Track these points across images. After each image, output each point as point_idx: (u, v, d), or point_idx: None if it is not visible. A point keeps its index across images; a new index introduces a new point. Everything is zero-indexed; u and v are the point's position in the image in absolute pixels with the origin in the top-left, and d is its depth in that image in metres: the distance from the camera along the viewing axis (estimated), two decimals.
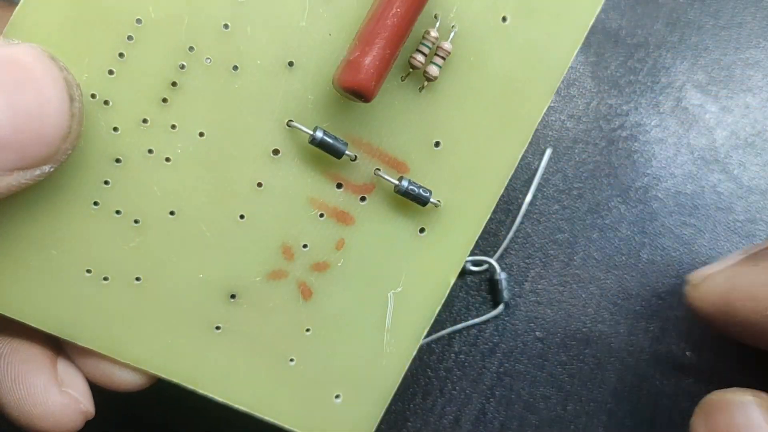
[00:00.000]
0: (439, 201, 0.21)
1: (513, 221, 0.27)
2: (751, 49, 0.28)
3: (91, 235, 0.20)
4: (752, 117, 0.28)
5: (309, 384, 0.22)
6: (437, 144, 0.21)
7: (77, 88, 0.18)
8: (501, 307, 0.26)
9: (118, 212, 0.20)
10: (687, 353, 0.27)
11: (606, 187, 0.27)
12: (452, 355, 0.27)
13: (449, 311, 0.27)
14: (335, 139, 0.20)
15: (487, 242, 0.27)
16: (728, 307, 0.20)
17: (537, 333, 0.27)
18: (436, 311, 0.22)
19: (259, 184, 0.21)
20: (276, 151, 0.21)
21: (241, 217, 0.21)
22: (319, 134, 0.20)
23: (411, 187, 0.21)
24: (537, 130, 0.27)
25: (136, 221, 0.20)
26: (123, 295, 0.21)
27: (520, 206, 0.27)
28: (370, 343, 0.22)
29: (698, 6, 0.28)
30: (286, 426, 0.22)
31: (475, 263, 0.27)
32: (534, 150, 0.28)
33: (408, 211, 0.22)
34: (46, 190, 0.19)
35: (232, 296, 0.21)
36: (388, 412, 0.26)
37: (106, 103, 0.19)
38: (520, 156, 0.22)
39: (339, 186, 0.21)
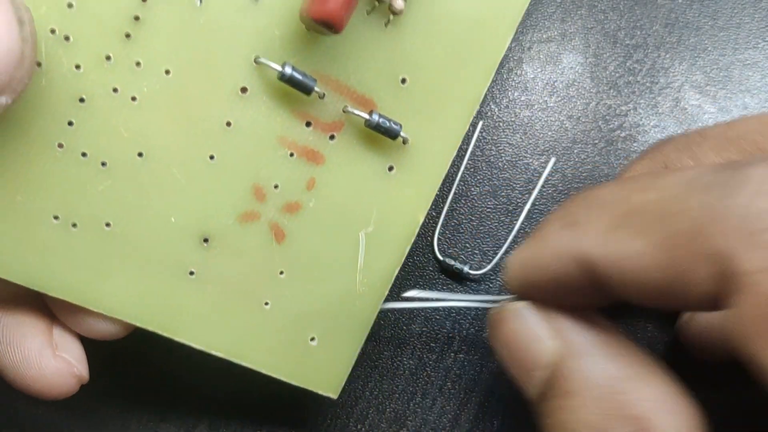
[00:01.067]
0: (408, 136, 0.21)
1: (513, 222, 0.27)
2: (750, 50, 0.28)
3: (58, 178, 0.19)
4: None
5: (284, 327, 0.22)
6: (403, 80, 0.21)
7: (26, 10, 0.17)
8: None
9: (84, 154, 0.19)
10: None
11: None
12: (451, 354, 0.27)
13: (448, 312, 0.27)
14: (304, 75, 0.20)
15: (486, 243, 0.27)
16: (526, 279, 0.20)
17: None
18: (407, 250, 0.22)
19: (228, 124, 0.20)
20: (244, 89, 0.20)
21: (211, 157, 0.20)
22: (288, 70, 0.20)
23: (382, 120, 0.21)
24: (535, 129, 0.27)
25: (103, 164, 0.19)
26: (93, 241, 0.20)
27: (519, 206, 0.27)
28: (343, 284, 0.22)
29: (697, 7, 0.29)
30: (262, 370, 0.22)
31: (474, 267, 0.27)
32: (533, 150, 0.28)
33: (377, 148, 0.22)
34: (7, 132, 0.18)
35: (205, 240, 0.21)
36: (387, 411, 0.26)
37: (66, 38, 0.18)
38: (484, 92, 0.22)
39: (308, 124, 0.21)
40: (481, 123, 0.27)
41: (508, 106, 0.28)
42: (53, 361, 0.20)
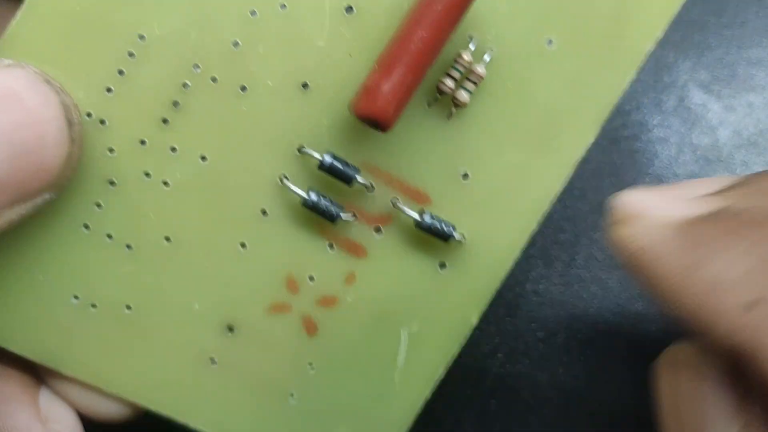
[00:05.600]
0: (463, 236, 0.21)
1: None
2: (755, 48, 0.28)
3: (80, 259, 0.20)
4: (755, 116, 0.28)
5: (310, 420, 0.22)
6: (465, 176, 0.21)
7: (75, 109, 0.18)
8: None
9: (109, 236, 0.20)
10: None
11: (608, 186, 0.28)
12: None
13: None
14: (346, 164, 0.20)
15: None
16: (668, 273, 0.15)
17: (539, 334, 0.27)
18: (455, 351, 0.22)
19: (264, 212, 0.21)
20: (284, 178, 0.20)
21: (243, 245, 0.21)
22: (328, 159, 0.20)
23: (433, 222, 0.21)
24: None
25: (128, 246, 0.20)
26: (112, 323, 0.21)
27: None
28: (378, 382, 0.22)
29: (701, 4, 0.29)
30: None
31: None
32: None
33: (428, 244, 0.21)
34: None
35: (230, 329, 0.21)
36: None
37: (102, 122, 0.19)
38: (557, 192, 0.21)
39: (353, 216, 0.21)
40: None
41: None
42: None
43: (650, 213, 0.16)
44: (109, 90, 0.19)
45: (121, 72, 0.19)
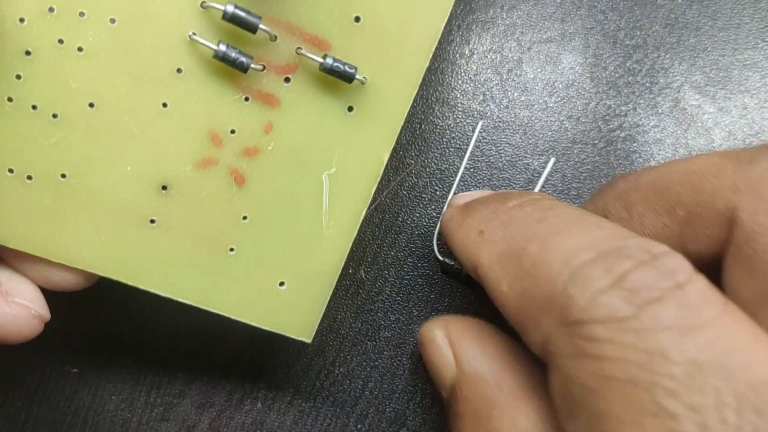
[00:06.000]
0: (365, 77, 0.22)
1: None
2: (749, 51, 0.30)
3: (9, 132, 0.21)
4: (750, 118, 0.30)
5: (251, 272, 0.24)
6: (357, 19, 0.23)
7: None
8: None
9: (34, 107, 0.21)
10: None
11: None
12: None
13: (447, 310, 0.29)
14: (248, 13, 0.21)
15: None
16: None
17: None
18: (373, 189, 0.24)
19: (179, 70, 0.22)
20: (193, 35, 0.22)
21: (164, 105, 0.22)
22: (230, 8, 0.21)
23: (336, 63, 0.22)
24: (535, 130, 0.29)
25: (54, 115, 0.21)
26: (49, 193, 0.22)
27: None
28: (309, 227, 0.24)
29: (696, 7, 0.30)
30: (232, 316, 0.24)
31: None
32: (532, 151, 0.29)
33: (334, 89, 0.23)
34: None
35: (164, 187, 0.23)
36: (387, 410, 0.28)
37: None
38: (442, 27, 0.23)
39: (262, 67, 0.22)
40: (480, 123, 0.29)
41: (507, 107, 0.29)
42: (8, 308, 0.22)
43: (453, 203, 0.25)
44: None
45: None
